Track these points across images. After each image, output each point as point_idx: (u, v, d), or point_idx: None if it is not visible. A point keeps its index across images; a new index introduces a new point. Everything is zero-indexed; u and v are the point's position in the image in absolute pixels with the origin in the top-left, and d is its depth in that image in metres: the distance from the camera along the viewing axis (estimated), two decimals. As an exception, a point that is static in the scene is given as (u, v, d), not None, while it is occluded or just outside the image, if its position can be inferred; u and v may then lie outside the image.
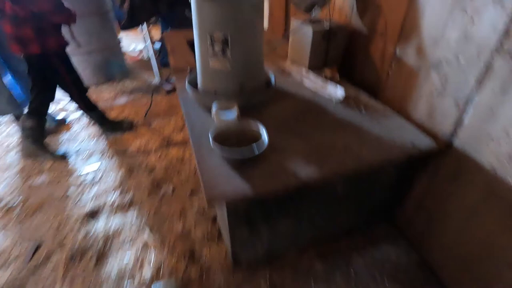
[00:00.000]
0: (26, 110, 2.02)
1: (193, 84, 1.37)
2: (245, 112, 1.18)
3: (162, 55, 3.48)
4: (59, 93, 2.08)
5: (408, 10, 1.17)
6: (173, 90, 3.07)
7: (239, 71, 1.21)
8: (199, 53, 1.23)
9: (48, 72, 1.90)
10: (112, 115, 2.59)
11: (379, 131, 1.13)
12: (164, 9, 3.18)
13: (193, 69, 1.44)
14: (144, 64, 3.93)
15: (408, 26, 1.19)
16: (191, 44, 2.21)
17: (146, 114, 2.62)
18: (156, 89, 3.12)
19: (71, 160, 2.08)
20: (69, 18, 1.87)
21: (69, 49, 1.98)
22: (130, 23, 2.93)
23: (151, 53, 3.17)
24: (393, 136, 1.09)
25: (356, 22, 1.53)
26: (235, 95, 1.25)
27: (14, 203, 1.74)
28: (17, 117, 2.37)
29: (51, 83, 1.99)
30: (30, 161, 2.08)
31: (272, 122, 1.17)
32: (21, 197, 1.78)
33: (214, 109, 1.13)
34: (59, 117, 2.53)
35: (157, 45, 3.51)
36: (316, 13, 1.54)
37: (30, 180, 1.91)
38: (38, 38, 1.73)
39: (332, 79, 1.53)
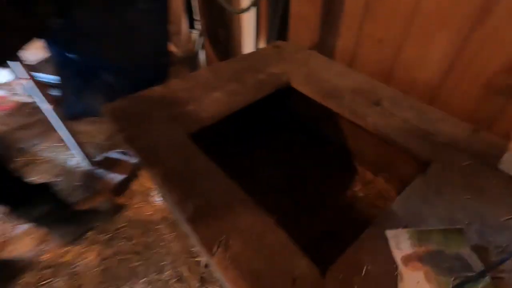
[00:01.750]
0: None
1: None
2: None
3: (66, 104, 1.81)
4: None
5: None
6: (128, 180, 1.55)
7: None
8: None
9: None
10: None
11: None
12: (51, 19, 1.51)
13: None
14: (28, 116, 2.10)
15: None
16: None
17: None
18: (89, 190, 1.52)
19: None
20: None
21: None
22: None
23: (44, 107, 1.50)
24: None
25: None
26: None
27: None
28: None
29: None
30: None
31: None
32: None
33: None
34: None
35: (53, 91, 1.78)
36: None
37: None
38: None
39: None
